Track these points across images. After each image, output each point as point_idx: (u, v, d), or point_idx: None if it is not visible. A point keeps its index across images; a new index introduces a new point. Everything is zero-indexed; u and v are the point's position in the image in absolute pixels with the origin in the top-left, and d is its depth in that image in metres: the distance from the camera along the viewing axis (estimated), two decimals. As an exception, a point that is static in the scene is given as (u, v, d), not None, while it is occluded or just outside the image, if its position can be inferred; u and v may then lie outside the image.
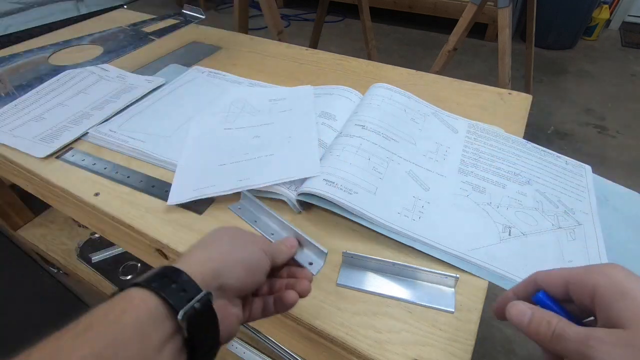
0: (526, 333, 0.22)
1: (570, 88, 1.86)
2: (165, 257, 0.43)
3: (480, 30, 2.22)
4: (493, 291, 0.35)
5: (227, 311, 0.25)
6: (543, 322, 0.21)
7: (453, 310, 0.33)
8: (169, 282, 0.22)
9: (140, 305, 0.20)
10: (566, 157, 0.49)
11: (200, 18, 0.81)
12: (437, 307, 0.34)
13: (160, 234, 0.41)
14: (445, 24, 2.12)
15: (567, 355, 0.20)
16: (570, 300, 0.23)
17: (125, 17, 0.91)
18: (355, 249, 0.38)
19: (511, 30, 1.04)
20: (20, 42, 0.81)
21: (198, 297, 0.21)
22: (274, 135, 0.50)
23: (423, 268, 0.35)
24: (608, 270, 0.21)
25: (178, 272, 0.23)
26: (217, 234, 0.28)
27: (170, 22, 0.80)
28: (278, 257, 0.30)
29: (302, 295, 0.29)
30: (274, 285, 0.31)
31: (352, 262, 0.37)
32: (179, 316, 0.20)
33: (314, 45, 1.57)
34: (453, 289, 0.35)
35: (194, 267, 0.23)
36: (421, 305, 0.34)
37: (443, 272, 0.34)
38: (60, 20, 0.90)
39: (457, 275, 0.34)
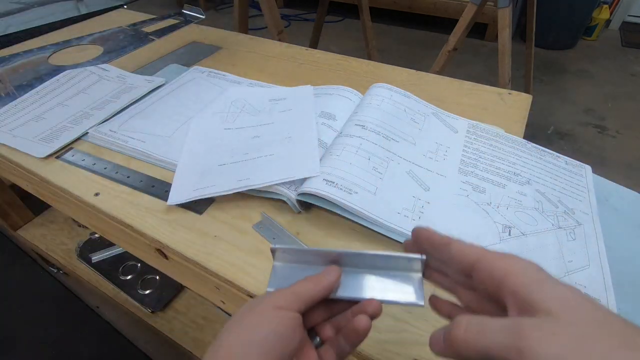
0: (448, 353, 0.20)
1: (570, 88, 1.86)
2: (165, 257, 0.43)
3: (480, 30, 2.22)
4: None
5: None
6: (459, 330, 0.20)
7: (422, 303, 0.26)
8: None
9: None
10: (566, 157, 0.49)
11: (200, 18, 0.81)
12: (399, 301, 0.26)
13: (160, 234, 0.41)
14: (445, 24, 2.12)
15: (492, 353, 0.18)
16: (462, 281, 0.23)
17: (125, 17, 0.91)
18: (354, 248, 0.38)
19: (511, 30, 1.04)
20: (20, 42, 0.81)
21: None
22: (274, 135, 0.50)
23: (380, 252, 0.27)
24: (518, 259, 0.20)
25: None
26: (222, 334, 0.24)
27: (170, 22, 0.80)
28: (307, 297, 0.25)
29: (374, 315, 0.25)
30: (337, 323, 0.27)
31: (285, 258, 0.29)
32: None
33: (314, 45, 1.57)
34: (420, 275, 0.27)
35: None
36: (384, 302, 0.26)
37: (405, 255, 0.26)
38: (60, 20, 0.90)
39: (423, 257, 0.26)
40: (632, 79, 1.90)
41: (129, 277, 0.84)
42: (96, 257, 0.87)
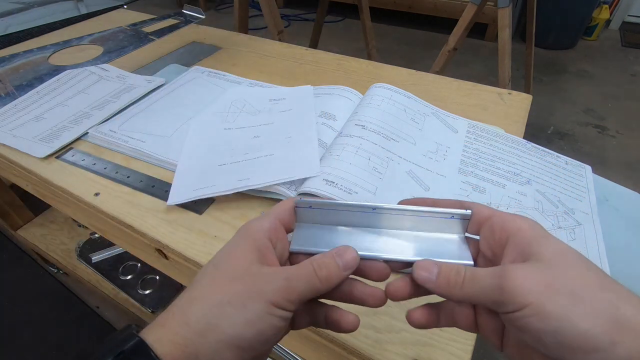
0: (436, 287, 0.21)
1: (570, 88, 1.86)
2: (165, 257, 0.43)
3: (480, 30, 2.22)
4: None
5: None
6: (452, 272, 0.21)
7: (472, 262, 0.23)
8: None
9: None
10: (566, 157, 0.49)
11: (200, 18, 0.81)
12: (452, 261, 0.23)
13: (160, 234, 0.41)
14: (445, 24, 2.12)
15: (482, 295, 0.19)
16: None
17: (125, 17, 0.91)
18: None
19: (511, 30, 1.04)
20: (20, 42, 0.81)
21: None
22: (274, 135, 0.50)
23: (420, 208, 0.24)
24: (527, 219, 0.21)
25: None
26: (205, 275, 0.21)
27: (170, 22, 0.80)
28: (307, 295, 0.21)
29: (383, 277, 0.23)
30: (351, 290, 0.24)
31: (311, 217, 0.26)
32: None
33: (314, 45, 1.57)
34: (463, 235, 0.25)
35: (167, 347, 0.18)
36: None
37: (447, 211, 0.24)
38: (60, 20, 0.90)
39: (469, 211, 0.24)
40: (632, 79, 1.91)
41: (129, 277, 0.84)
42: (96, 257, 0.88)
